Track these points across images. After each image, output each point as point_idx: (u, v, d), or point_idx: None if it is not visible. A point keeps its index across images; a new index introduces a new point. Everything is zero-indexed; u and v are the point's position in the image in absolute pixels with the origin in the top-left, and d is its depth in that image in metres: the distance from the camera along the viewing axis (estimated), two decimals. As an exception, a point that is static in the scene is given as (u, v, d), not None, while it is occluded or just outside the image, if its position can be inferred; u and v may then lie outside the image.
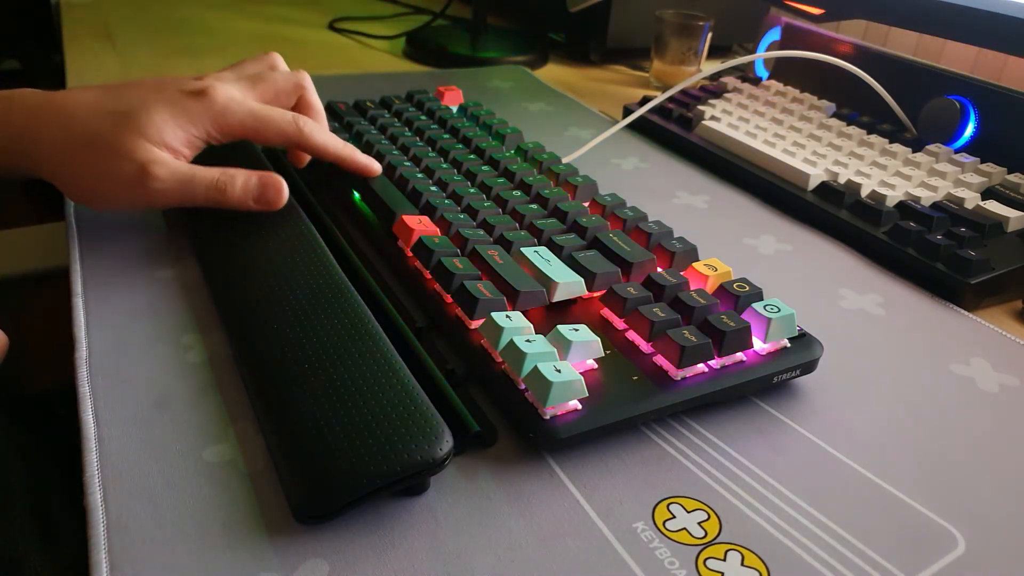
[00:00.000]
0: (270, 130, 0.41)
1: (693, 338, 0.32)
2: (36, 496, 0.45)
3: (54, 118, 0.39)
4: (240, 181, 0.40)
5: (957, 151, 0.55)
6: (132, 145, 0.38)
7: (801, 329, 0.36)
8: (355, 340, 0.32)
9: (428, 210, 0.43)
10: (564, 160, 0.52)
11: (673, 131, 0.62)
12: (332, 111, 0.56)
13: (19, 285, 0.74)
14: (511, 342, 0.31)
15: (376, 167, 0.47)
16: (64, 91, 0.41)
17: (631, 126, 0.65)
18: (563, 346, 0.32)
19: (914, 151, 0.55)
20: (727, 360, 0.33)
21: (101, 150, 0.38)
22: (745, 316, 0.35)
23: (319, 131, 0.43)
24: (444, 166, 0.48)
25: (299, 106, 0.45)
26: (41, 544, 0.43)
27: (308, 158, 0.47)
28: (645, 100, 0.65)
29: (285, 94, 0.44)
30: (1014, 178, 0.51)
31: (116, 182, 0.39)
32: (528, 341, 0.31)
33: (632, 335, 0.35)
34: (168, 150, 0.39)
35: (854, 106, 0.62)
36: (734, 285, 0.36)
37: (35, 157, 0.40)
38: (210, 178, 0.40)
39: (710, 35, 0.78)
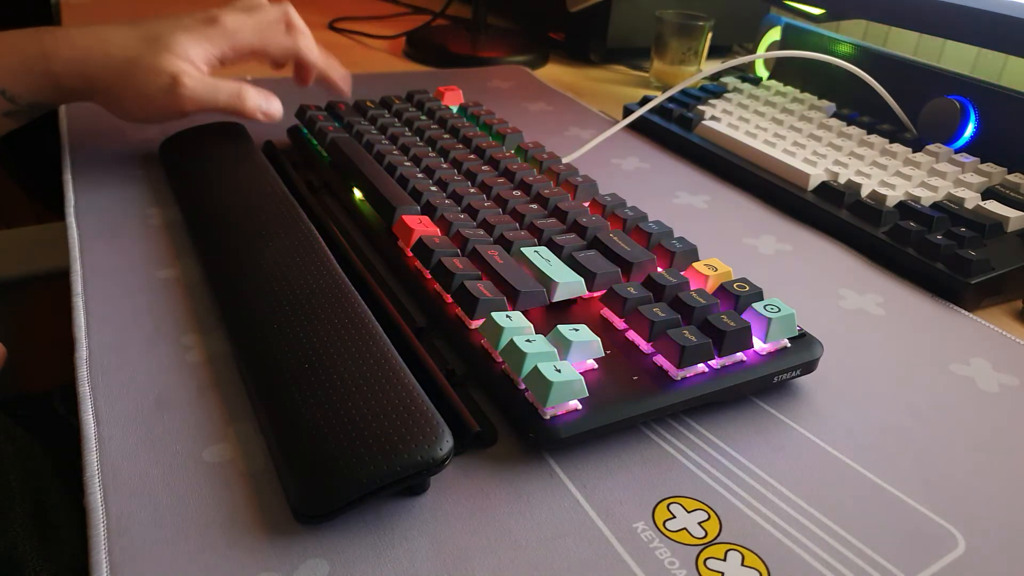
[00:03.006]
0: (273, 44, 0.51)
1: (693, 338, 0.32)
2: (35, 497, 0.45)
3: (96, 47, 0.46)
4: (253, 95, 0.49)
5: (957, 151, 0.55)
6: (164, 61, 0.46)
7: (801, 329, 0.36)
8: (355, 340, 0.32)
9: (428, 210, 0.43)
10: (564, 160, 0.52)
11: (673, 131, 0.62)
12: (333, 111, 0.56)
13: (19, 285, 0.74)
14: (511, 342, 0.31)
15: (345, 88, 0.56)
16: (96, 26, 0.48)
17: (631, 126, 0.65)
18: (563, 346, 0.32)
19: (914, 151, 0.55)
20: (727, 360, 0.33)
21: (140, 68, 0.46)
22: (745, 316, 0.35)
23: (312, 46, 0.53)
24: (444, 166, 0.48)
25: (289, 29, 0.52)
26: (40, 545, 0.43)
27: (311, 79, 0.54)
28: (645, 100, 0.65)
29: (277, 21, 0.52)
30: (1014, 178, 0.51)
31: (154, 94, 0.46)
32: (528, 341, 0.31)
33: (632, 335, 0.35)
34: (192, 65, 0.47)
35: (854, 106, 0.62)
36: (734, 285, 0.36)
37: (85, 81, 0.47)
38: (231, 89, 0.48)
39: (710, 35, 0.78)
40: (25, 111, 0.48)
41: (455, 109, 0.60)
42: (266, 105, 0.50)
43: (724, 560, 0.27)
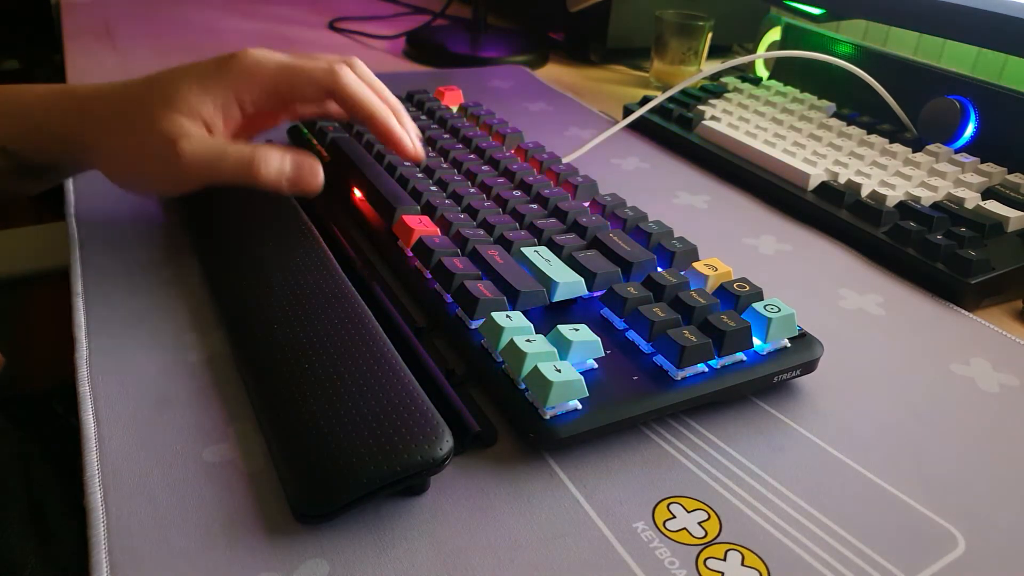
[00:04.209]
0: (302, 80, 0.38)
1: (693, 338, 0.32)
2: (34, 498, 0.45)
3: (101, 101, 0.39)
4: (274, 161, 0.37)
5: (957, 151, 0.55)
6: (161, 118, 0.36)
7: (801, 329, 0.36)
8: (355, 340, 0.32)
9: (428, 210, 0.43)
10: (564, 160, 0.52)
11: (673, 131, 0.62)
12: (332, 111, 0.56)
13: (19, 285, 0.74)
14: (511, 342, 0.31)
15: (410, 147, 0.41)
16: (114, 81, 0.40)
17: (631, 126, 0.65)
18: (563, 346, 0.32)
19: (914, 151, 0.55)
20: (727, 360, 0.33)
21: (134, 124, 0.37)
22: (745, 316, 0.35)
23: (356, 80, 0.39)
24: (444, 166, 0.48)
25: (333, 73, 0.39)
26: (38, 548, 0.43)
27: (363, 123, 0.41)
28: (645, 100, 0.65)
29: (318, 59, 0.39)
30: (1014, 178, 0.51)
31: (148, 159, 0.37)
32: (528, 341, 0.31)
33: (632, 335, 0.35)
34: (200, 121, 0.37)
35: (854, 106, 0.62)
36: (734, 285, 0.36)
37: (85, 144, 0.39)
38: (242, 155, 0.37)
39: (710, 35, 0.78)
40: (44, 172, 0.42)
41: (455, 109, 0.60)
42: (291, 169, 0.37)
43: (724, 560, 0.27)
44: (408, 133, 0.40)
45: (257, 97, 0.38)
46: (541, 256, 0.38)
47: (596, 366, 0.33)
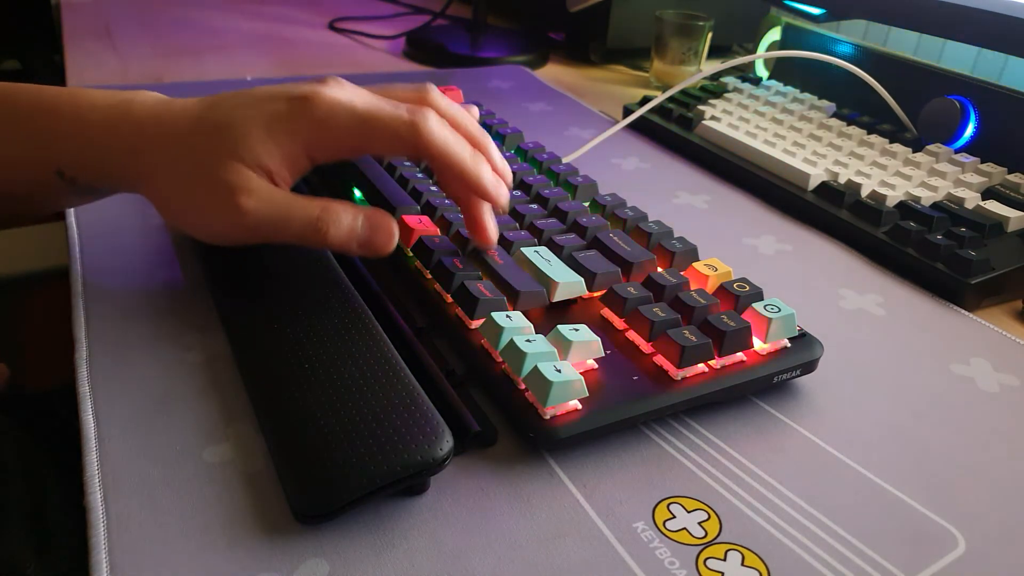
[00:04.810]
0: (382, 137, 0.33)
1: (693, 338, 0.32)
2: (34, 499, 0.45)
3: (157, 131, 0.35)
4: (345, 221, 0.34)
5: (957, 151, 0.55)
6: (222, 167, 0.33)
7: (801, 329, 0.36)
8: (355, 340, 0.32)
9: (428, 210, 0.43)
10: (564, 160, 0.52)
11: (673, 131, 0.62)
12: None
13: (19, 285, 0.74)
14: (511, 342, 0.31)
15: (493, 229, 0.37)
16: (172, 102, 0.36)
17: (631, 126, 0.65)
18: (563, 346, 0.32)
19: (914, 151, 0.55)
20: (727, 360, 0.33)
21: (193, 171, 0.34)
22: (745, 316, 0.35)
23: (441, 133, 0.34)
24: (444, 166, 0.48)
25: (418, 123, 0.34)
26: (38, 548, 0.43)
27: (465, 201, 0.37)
28: (645, 100, 0.65)
29: (402, 99, 0.35)
30: (1014, 178, 0.51)
31: (206, 208, 0.34)
32: (528, 341, 0.31)
33: (632, 335, 0.35)
34: (265, 173, 0.33)
35: (854, 106, 0.62)
36: (734, 285, 0.36)
37: (141, 182, 0.35)
38: (308, 214, 0.33)
39: (710, 35, 0.78)
40: (99, 192, 0.39)
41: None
42: (365, 231, 0.34)
43: (724, 560, 0.27)
44: (500, 185, 0.36)
45: (330, 152, 0.35)
46: (541, 256, 0.38)
47: (596, 366, 0.33)
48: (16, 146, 0.36)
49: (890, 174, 0.53)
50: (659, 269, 0.39)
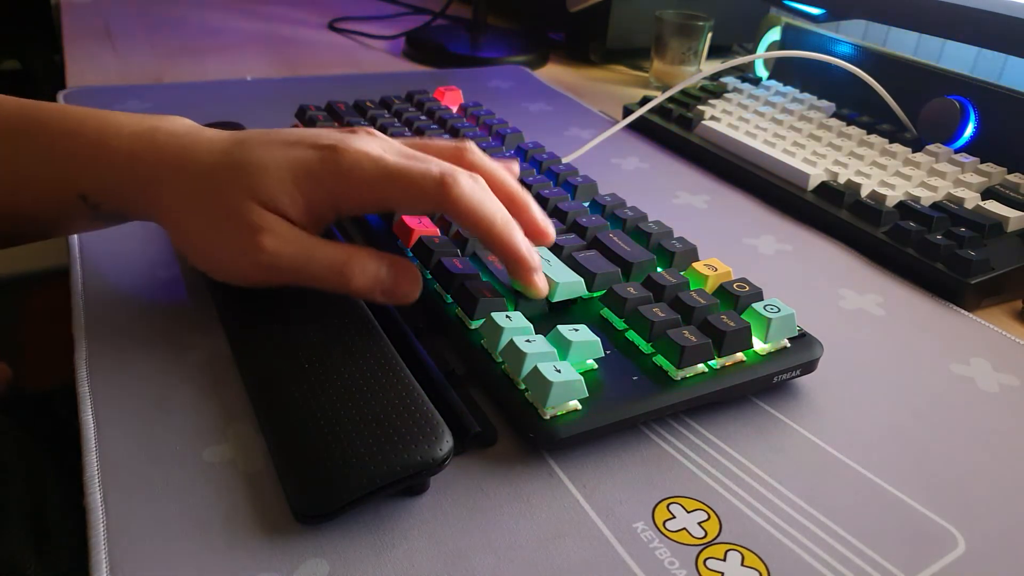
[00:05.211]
0: (409, 196, 0.32)
1: (693, 338, 0.32)
2: (34, 499, 0.45)
3: (180, 164, 0.34)
4: (371, 269, 0.33)
5: (957, 151, 0.55)
6: (244, 206, 0.32)
7: (801, 329, 0.36)
8: (355, 340, 0.32)
9: (428, 210, 0.43)
10: (564, 160, 0.52)
11: (673, 131, 0.62)
12: (332, 111, 0.56)
13: (19, 285, 0.74)
14: (511, 342, 0.31)
15: (542, 284, 0.35)
16: (200, 133, 0.35)
17: (631, 126, 0.65)
18: (563, 346, 0.32)
19: (914, 151, 0.55)
20: (727, 360, 0.33)
21: (214, 207, 0.33)
22: (745, 316, 0.35)
23: (470, 197, 0.32)
24: (444, 166, 0.48)
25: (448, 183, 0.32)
26: (38, 548, 0.43)
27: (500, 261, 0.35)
28: (645, 100, 0.65)
29: (438, 153, 0.35)
30: (1014, 178, 0.51)
31: (225, 246, 0.33)
32: (528, 341, 0.31)
33: (632, 335, 0.35)
34: (281, 217, 0.33)
35: (854, 106, 0.62)
36: (734, 285, 0.36)
37: (156, 206, 0.35)
38: (332, 260, 0.33)
39: (710, 35, 0.78)
40: (122, 219, 0.38)
41: (455, 109, 0.60)
42: (389, 279, 0.33)
43: (724, 560, 0.27)
44: (534, 258, 0.34)
45: (354, 204, 0.34)
46: (541, 256, 0.38)
47: (596, 366, 0.33)
48: (41, 167, 0.35)
49: (890, 174, 0.53)
50: (659, 269, 0.39)
